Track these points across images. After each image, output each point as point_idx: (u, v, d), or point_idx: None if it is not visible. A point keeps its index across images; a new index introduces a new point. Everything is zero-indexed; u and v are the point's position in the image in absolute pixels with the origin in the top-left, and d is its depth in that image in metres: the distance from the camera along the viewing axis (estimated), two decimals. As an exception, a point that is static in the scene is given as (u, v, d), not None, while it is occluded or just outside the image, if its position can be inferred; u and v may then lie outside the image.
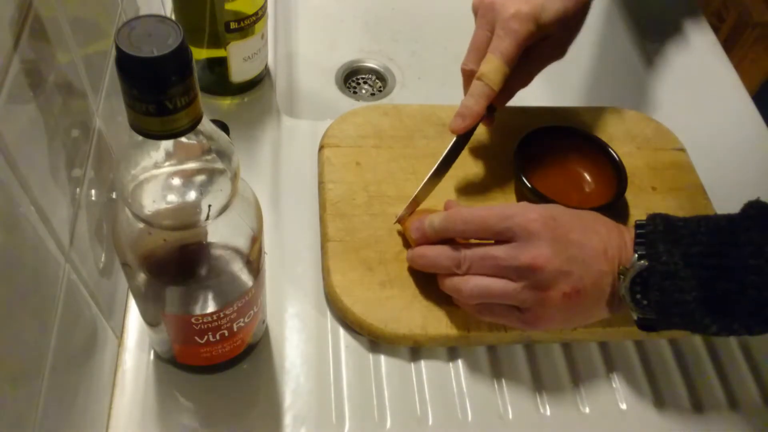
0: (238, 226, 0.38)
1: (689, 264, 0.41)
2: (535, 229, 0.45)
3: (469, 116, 0.54)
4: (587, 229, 0.46)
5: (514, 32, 0.52)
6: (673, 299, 0.41)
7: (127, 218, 0.36)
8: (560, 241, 0.44)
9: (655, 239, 0.43)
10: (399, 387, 0.50)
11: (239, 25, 0.59)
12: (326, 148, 0.61)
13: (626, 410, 0.50)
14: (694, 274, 0.41)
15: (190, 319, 0.40)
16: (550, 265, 0.44)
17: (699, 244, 0.41)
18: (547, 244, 0.44)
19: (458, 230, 0.48)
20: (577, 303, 0.45)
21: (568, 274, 0.44)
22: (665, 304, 0.42)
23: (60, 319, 0.37)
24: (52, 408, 0.36)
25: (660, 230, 0.43)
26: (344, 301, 0.51)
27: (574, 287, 0.44)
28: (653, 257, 0.42)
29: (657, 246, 0.43)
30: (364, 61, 0.90)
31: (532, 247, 0.44)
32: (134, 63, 0.28)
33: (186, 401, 0.48)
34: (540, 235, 0.44)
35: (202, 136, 0.33)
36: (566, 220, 0.46)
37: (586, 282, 0.44)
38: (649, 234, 0.43)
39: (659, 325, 0.44)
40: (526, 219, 0.45)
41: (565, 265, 0.44)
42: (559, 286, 0.44)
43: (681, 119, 0.68)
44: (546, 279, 0.44)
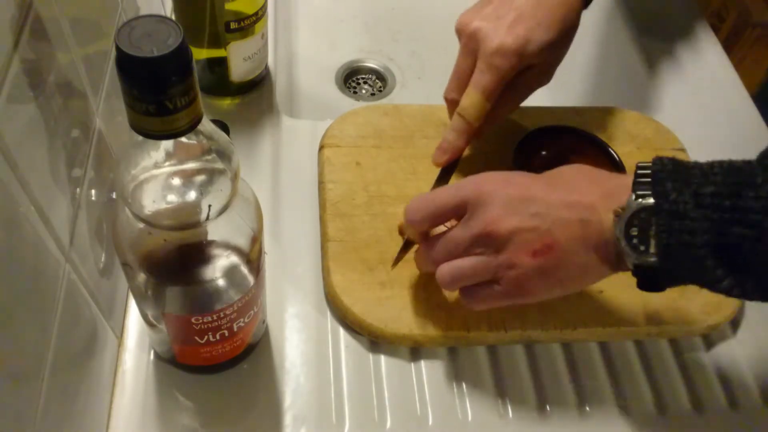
0: (238, 226, 0.38)
1: (701, 205, 0.36)
2: (484, 193, 0.42)
3: (450, 151, 0.55)
4: (551, 184, 0.43)
5: (497, 68, 0.51)
6: (680, 241, 0.37)
7: (127, 218, 0.36)
8: (516, 200, 0.42)
9: (662, 177, 0.38)
10: (399, 387, 0.50)
11: (239, 25, 0.59)
12: (326, 148, 0.61)
13: (626, 410, 0.50)
14: (705, 216, 0.36)
15: (190, 319, 0.41)
16: (504, 225, 0.41)
17: (712, 184, 0.37)
18: (499, 205, 0.42)
19: (417, 220, 0.46)
20: (554, 259, 0.41)
21: (531, 230, 0.41)
22: (672, 248, 0.37)
23: (60, 319, 0.37)
24: (52, 408, 0.36)
25: (668, 169, 0.39)
26: (344, 301, 0.51)
27: (544, 243, 0.41)
28: (661, 195, 0.38)
29: (665, 184, 0.38)
30: (364, 61, 0.90)
31: (483, 213, 0.42)
32: (134, 63, 0.28)
33: (186, 401, 0.48)
34: (491, 198, 0.42)
35: (202, 136, 0.33)
36: (524, 179, 0.44)
37: (556, 235, 0.41)
38: (657, 172, 0.39)
39: (662, 277, 0.39)
40: (476, 186, 0.43)
41: (525, 221, 0.41)
42: (524, 245, 0.41)
43: (681, 119, 0.68)
44: (505, 241, 0.42)
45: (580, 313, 0.52)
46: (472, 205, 0.43)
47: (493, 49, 0.51)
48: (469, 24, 0.53)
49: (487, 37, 0.51)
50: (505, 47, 0.51)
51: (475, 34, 0.52)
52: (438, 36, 0.92)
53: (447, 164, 0.56)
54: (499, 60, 0.51)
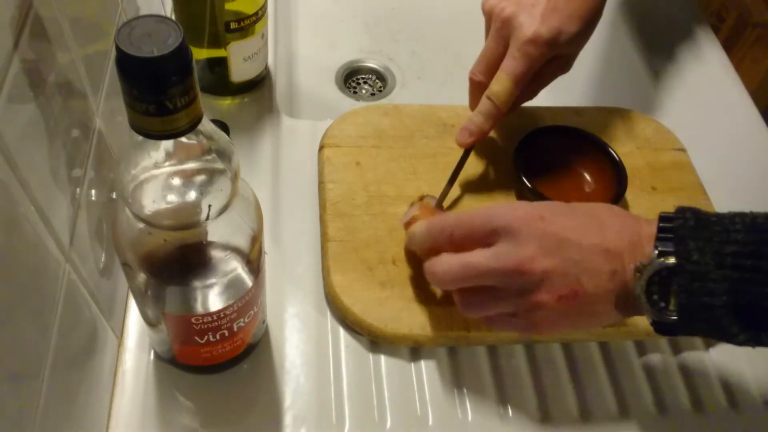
0: (238, 226, 0.38)
1: (722, 265, 0.37)
2: (520, 228, 0.41)
3: (477, 133, 0.56)
4: (585, 225, 0.42)
5: (530, 57, 0.52)
6: (700, 303, 0.37)
7: (127, 218, 0.36)
8: (550, 240, 0.41)
9: (684, 235, 0.38)
10: (399, 387, 0.50)
11: (239, 25, 0.59)
12: (326, 148, 0.61)
13: (626, 410, 0.50)
14: (726, 277, 0.36)
15: (190, 319, 0.41)
16: (538, 266, 0.40)
17: (734, 243, 0.37)
18: (534, 243, 0.41)
19: (442, 240, 0.45)
20: (576, 306, 0.41)
21: (562, 276, 0.41)
22: (691, 308, 0.38)
23: (60, 319, 0.37)
24: (52, 408, 0.36)
25: (690, 225, 0.38)
26: (344, 301, 0.51)
27: (571, 289, 0.41)
28: (683, 255, 0.38)
29: (687, 243, 0.38)
30: (364, 61, 0.90)
31: (518, 249, 0.41)
32: (134, 63, 0.28)
33: (186, 401, 0.48)
34: (526, 234, 0.41)
35: (202, 136, 0.33)
36: (557, 217, 0.42)
37: (585, 283, 0.41)
38: (678, 229, 0.38)
39: (679, 330, 0.39)
40: (509, 218, 0.42)
41: (559, 266, 0.41)
42: (553, 288, 0.41)
43: (681, 119, 0.68)
44: (536, 282, 0.41)
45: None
46: (504, 236, 0.42)
47: (528, 38, 0.51)
48: (503, 9, 0.53)
49: (523, 25, 0.52)
50: (540, 37, 0.51)
51: (509, 20, 0.53)
52: (438, 36, 0.92)
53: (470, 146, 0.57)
54: (532, 49, 0.52)
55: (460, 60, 0.56)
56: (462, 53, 0.56)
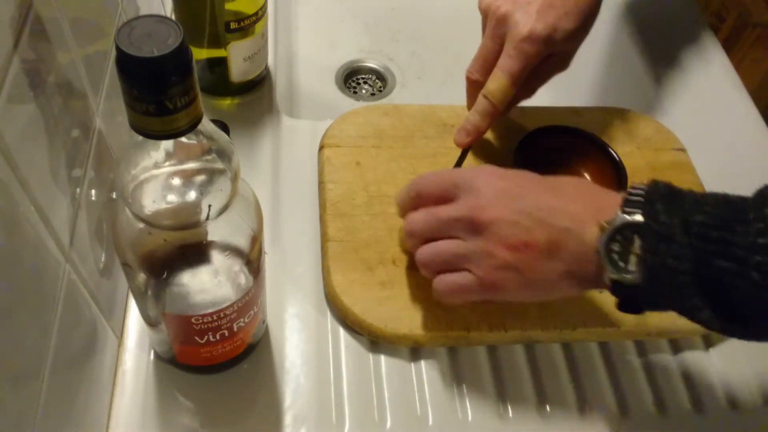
0: (238, 226, 0.38)
1: (688, 232, 0.36)
2: (477, 181, 0.44)
3: (474, 132, 0.57)
4: (549, 189, 0.43)
5: (525, 54, 0.52)
6: (665, 264, 0.36)
7: (127, 218, 0.36)
8: (505, 193, 0.43)
9: (654, 199, 0.38)
10: (399, 387, 0.50)
11: (239, 25, 0.59)
12: (326, 148, 0.61)
13: (627, 410, 0.50)
14: (691, 244, 0.36)
15: (190, 319, 0.41)
16: (488, 213, 0.42)
17: (703, 213, 0.36)
18: (488, 194, 0.43)
19: (413, 195, 0.48)
20: (529, 259, 0.41)
21: (512, 224, 0.41)
22: (655, 269, 0.37)
23: (60, 319, 0.37)
24: (52, 408, 0.36)
25: (662, 192, 0.38)
26: (344, 301, 0.51)
27: (522, 240, 0.41)
28: (650, 215, 0.37)
29: (655, 204, 0.38)
30: (364, 61, 0.90)
31: (470, 198, 0.44)
32: (134, 63, 0.28)
33: (186, 401, 0.48)
34: (482, 187, 0.44)
35: (202, 136, 0.33)
36: (521, 178, 0.44)
37: (536, 235, 0.41)
38: (649, 193, 0.39)
39: (641, 298, 0.39)
40: (472, 174, 0.45)
41: (508, 214, 0.42)
42: (502, 237, 0.42)
43: (681, 119, 0.68)
44: (486, 227, 0.42)
45: (580, 313, 0.52)
46: (463, 190, 0.45)
47: (524, 35, 0.52)
48: (498, 7, 0.54)
49: (518, 23, 0.52)
50: (535, 34, 0.51)
51: (505, 18, 0.53)
52: (438, 36, 0.92)
53: (468, 146, 0.58)
54: (528, 46, 0.52)
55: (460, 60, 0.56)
56: (462, 53, 0.56)
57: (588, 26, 0.55)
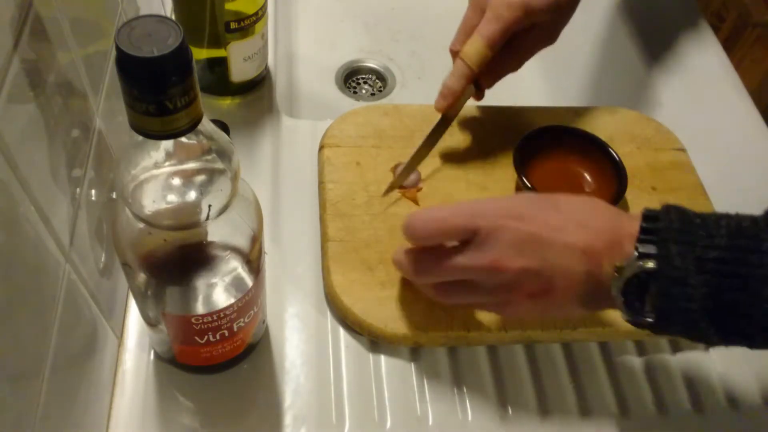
0: (238, 226, 0.38)
1: (702, 270, 0.37)
2: (499, 227, 0.42)
3: (449, 95, 0.56)
4: (565, 223, 0.42)
5: (503, 19, 0.52)
6: (677, 307, 0.37)
7: (127, 218, 0.36)
8: (527, 240, 0.42)
9: (667, 238, 0.38)
10: (399, 387, 0.50)
11: (239, 25, 0.59)
12: (326, 148, 0.61)
13: (627, 410, 0.50)
14: (705, 282, 0.36)
15: (190, 319, 0.41)
16: (513, 265, 0.41)
17: (716, 248, 0.37)
18: (509, 244, 0.42)
19: (421, 236, 0.45)
20: (547, 302, 0.43)
21: (535, 275, 0.41)
22: (668, 311, 0.38)
23: (60, 319, 0.37)
24: (52, 408, 0.36)
25: (675, 228, 0.38)
26: (344, 301, 0.51)
27: (542, 288, 0.42)
28: (664, 260, 0.38)
29: (669, 247, 0.37)
30: (364, 61, 0.90)
31: (493, 249, 0.42)
32: (134, 63, 0.28)
33: (186, 401, 0.48)
34: (504, 234, 0.42)
35: (202, 136, 0.33)
36: (538, 214, 0.43)
37: (556, 283, 0.41)
38: (662, 231, 0.38)
39: (654, 330, 0.40)
40: (489, 217, 0.43)
41: (532, 266, 0.41)
42: (524, 287, 0.42)
43: (681, 119, 0.68)
44: (509, 280, 0.42)
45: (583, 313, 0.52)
46: (483, 236, 0.42)
47: (503, 0, 0.52)
48: None
49: None
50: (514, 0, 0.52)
51: None
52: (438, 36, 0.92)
53: (447, 110, 0.57)
54: (505, 11, 0.52)
55: (460, 60, 0.56)
56: (462, 53, 0.56)
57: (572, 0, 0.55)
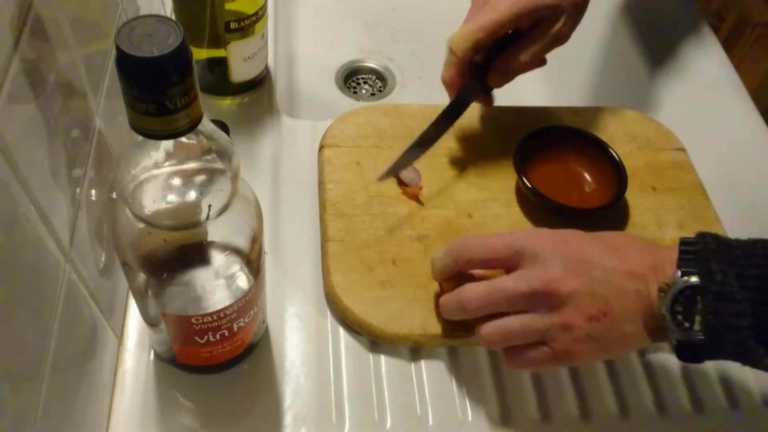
0: (238, 226, 0.38)
1: (745, 287, 0.37)
2: (543, 249, 0.41)
3: (447, 86, 0.57)
4: (607, 249, 0.42)
5: (497, 10, 0.51)
6: (727, 323, 0.37)
7: (127, 218, 0.36)
8: (574, 261, 0.41)
9: (706, 257, 0.39)
10: (399, 387, 0.50)
11: (239, 25, 0.59)
12: (326, 148, 0.61)
13: (627, 411, 0.50)
14: (749, 298, 0.37)
15: (190, 319, 0.41)
16: (565, 285, 0.40)
17: (756, 267, 0.37)
18: (559, 264, 0.41)
19: (463, 261, 0.45)
20: (607, 327, 0.41)
21: (589, 295, 0.40)
22: (717, 329, 0.38)
23: (60, 319, 0.37)
24: (52, 408, 0.36)
25: (712, 248, 0.39)
26: (344, 301, 0.51)
27: (600, 309, 0.40)
28: (706, 276, 0.38)
29: (709, 264, 0.38)
30: (364, 61, 0.90)
31: (543, 269, 0.41)
32: (134, 63, 0.28)
33: (186, 401, 0.48)
34: (550, 256, 0.41)
35: (202, 136, 0.33)
36: (579, 241, 0.43)
37: (613, 303, 0.40)
38: (700, 251, 0.39)
39: (704, 353, 0.39)
40: (533, 241, 0.42)
41: (585, 285, 0.41)
42: (581, 308, 0.41)
43: (681, 119, 0.68)
44: (563, 302, 0.41)
45: None
46: (529, 259, 0.42)
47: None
48: None
49: None
50: None
51: None
52: (438, 36, 0.92)
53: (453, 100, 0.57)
54: (502, 4, 0.51)
55: (460, 60, 0.56)
56: (462, 53, 0.56)
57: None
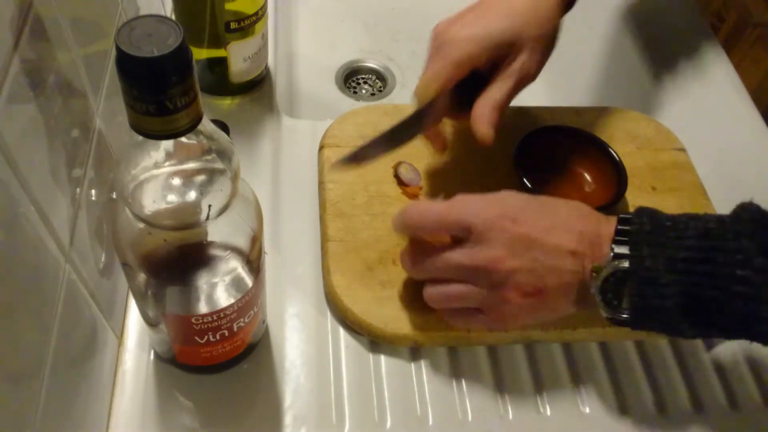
0: (238, 226, 0.38)
1: (673, 270, 0.39)
2: (491, 229, 0.44)
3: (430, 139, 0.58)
4: (555, 225, 0.44)
5: (449, 57, 0.51)
6: (652, 305, 0.40)
7: (127, 218, 0.36)
8: (519, 241, 0.43)
9: (639, 240, 0.41)
10: (399, 387, 0.50)
11: (239, 25, 0.59)
12: (326, 148, 0.61)
13: (627, 410, 0.50)
14: (677, 281, 0.39)
15: (190, 319, 0.41)
16: (506, 265, 0.43)
17: (686, 249, 0.39)
18: (503, 244, 0.43)
19: (413, 227, 0.48)
20: (539, 302, 0.44)
21: (528, 273, 0.43)
22: (643, 310, 0.41)
23: (60, 319, 0.37)
24: (52, 408, 0.36)
25: (646, 230, 0.41)
26: (344, 301, 0.51)
27: (535, 287, 0.43)
28: (636, 261, 0.41)
29: (641, 248, 0.41)
30: (364, 61, 0.90)
31: (488, 248, 0.44)
32: (134, 63, 0.28)
33: (186, 401, 0.48)
34: (499, 235, 0.44)
35: (202, 136, 0.33)
36: (529, 216, 0.45)
37: (548, 281, 0.43)
38: (634, 233, 0.41)
39: (632, 326, 0.43)
40: (482, 218, 0.44)
41: (525, 264, 0.43)
42: (518, 286, 0.43)
43: (681, 119, 0.68)
44: (503, 279, 0.43)
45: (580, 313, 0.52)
46: (477, 236, 0.44)
47: (445, 38, 0.52)
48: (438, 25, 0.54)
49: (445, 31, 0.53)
50: (457, 36, 0.51)
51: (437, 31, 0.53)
52: (438, 36, 0.92)
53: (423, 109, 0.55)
54: (448, 48, 0.51)
55: (460, 60, 0.56)
56: (462, 53, 0.56)
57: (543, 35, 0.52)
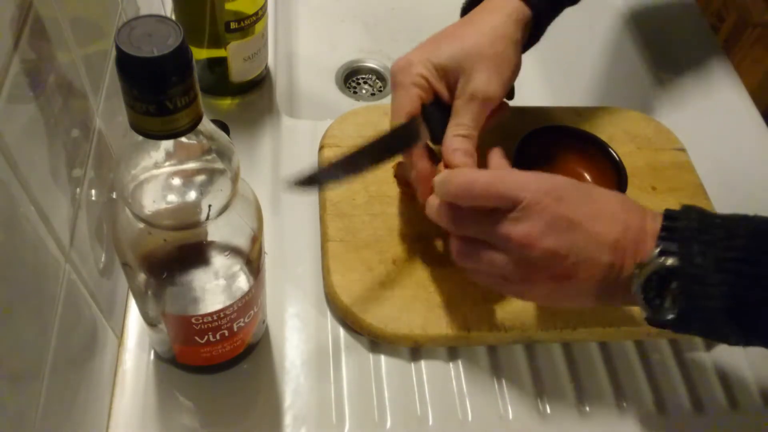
0: (238, 226, 0.38)
1: (722, 269, 0.37)
2: (537, 202, 0.42)
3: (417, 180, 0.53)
4: (601, 213, 0.42)
5: (401, 84, 0.50)
6: (698, 305, 0.38)
7: (127, 218, 0.36)
8: (562, 221, 0.42)
9: (688, 237, 0.39)
10: (399, 387, 0.50)
11: (239, 25, 0.59)
12: (326, 148, 0.61)
13: (626, 410, 0.50)
14: (724, 281, 0.37)
15: (190, 319, 0.41)
16: (543, 243, 0.41)
17: (735, 249, 0.38)
18: (546, 221, 0.41)
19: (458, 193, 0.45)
20: (564, 287, 0.43)
21: (562, 258, 0.41)
22: (689, 309, 0.39)
23: (60, 319, 0.37)
24: (52, 408, 0.36)
25: (695, 227, 0.39)
26: (344, 301, 0.51)
27: (564, 273, 0.42)
28: (685, 258, 0.38)
29: (691, 245, 0.38)
30: (364, 61, 0.90)
31: (529, 223, 0.42)
32: (134, 63, 0.28)
33: (186, 401, 0.48)
34: (540, 211, 0.42)
35: (202, 136, 0.33)
36: (575, 198, 0.43)
37: (579, 271, 0.42)
38: (683, 230, 0.39)
39: (674, 328, 0.40)
40: (531, 193, 0.42)
41: (562, 246, 0.41)
42: (549, 268, 0.42)
43: (681, 119, 0.68)
44: (536, 257, 0.42)
45: (580, 313, 0.52)
46: (521, 209, 0.42)
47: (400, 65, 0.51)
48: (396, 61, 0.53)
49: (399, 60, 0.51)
50: (409, 62, 0.50)
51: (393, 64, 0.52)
52: (438, 36, 0.92)
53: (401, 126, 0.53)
54: (402, 75, 0.50)
55: (460, 60, 0.56)
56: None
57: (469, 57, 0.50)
